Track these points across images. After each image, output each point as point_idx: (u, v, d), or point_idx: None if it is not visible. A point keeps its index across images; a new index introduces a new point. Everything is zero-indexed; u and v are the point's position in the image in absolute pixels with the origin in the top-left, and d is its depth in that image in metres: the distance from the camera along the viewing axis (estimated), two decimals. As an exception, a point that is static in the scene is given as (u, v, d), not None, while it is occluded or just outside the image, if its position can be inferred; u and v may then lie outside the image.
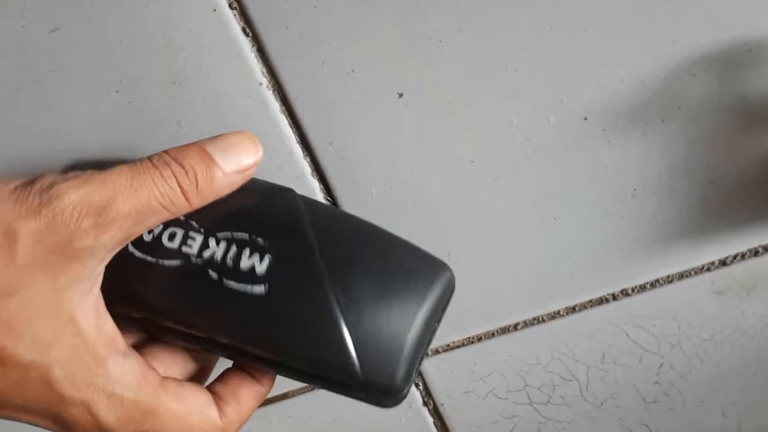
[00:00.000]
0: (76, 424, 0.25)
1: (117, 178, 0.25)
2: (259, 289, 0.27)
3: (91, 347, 0.25)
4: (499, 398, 0.41)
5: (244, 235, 0.27)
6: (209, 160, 0.27)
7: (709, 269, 0.37)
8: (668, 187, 0.34)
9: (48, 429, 0.26)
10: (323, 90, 0.33)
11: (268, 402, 0.42)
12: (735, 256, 0.36)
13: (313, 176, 0.35)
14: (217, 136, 0.28)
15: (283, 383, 0.41)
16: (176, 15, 0.32)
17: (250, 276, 0.27)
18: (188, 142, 0.31)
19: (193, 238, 0.28)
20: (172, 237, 0.28)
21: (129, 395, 0.25)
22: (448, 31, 0.32)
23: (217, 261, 0.27)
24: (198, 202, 0.27)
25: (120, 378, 0.25)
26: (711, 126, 0.33)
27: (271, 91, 0.34)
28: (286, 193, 0.30)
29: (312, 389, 0.42)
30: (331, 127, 0.34)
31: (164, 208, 0.26)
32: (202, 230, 0.28)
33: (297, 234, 0.28)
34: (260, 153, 0.28)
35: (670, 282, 0.37)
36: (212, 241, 0.28)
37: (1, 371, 0.24)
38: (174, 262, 0.28)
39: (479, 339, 0.39)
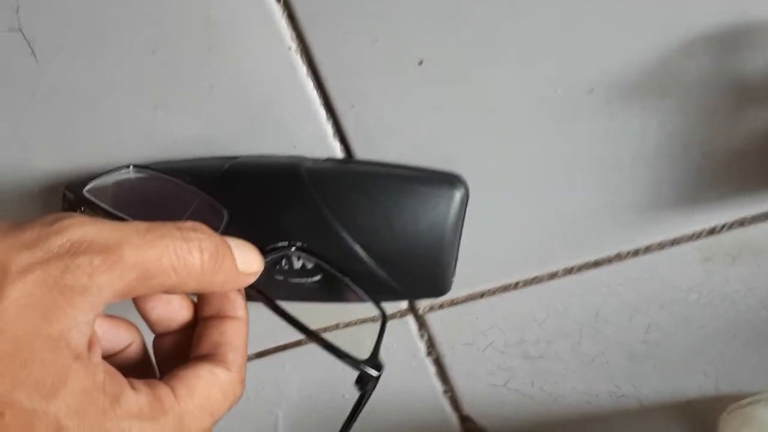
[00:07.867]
0: None
1: (130, 227, 0.23)
2: (316, 278, 0.37)
3: (101, 387, 0.22)
4: (498, 351, 0.44)
5: (284, 243, 0.36)
6: (228, 247, 0.26)
7: (698, 237, 0.39)
8: (664, 158, 0.36)
9: None
10: (348, 56, 0.36)
11: (282, 348, 0.45)
12: (723, 226, 0.38)
13: (335, 138, 0.38)
14: (230, 237, 0.27)
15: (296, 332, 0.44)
16: (214, -19, 0.34)
17: (306, 272, 0.36)
18: (219, 104, 0.33)
19: None
20: None
21: (150, 426, 0.23)
22: (468, 4, 0.34)
23: (276, 268, 0.37)
24: (207, 279, 0.25)
25: (138, 411, 0.23)
26: (706, 103, 0.35)
27: (299, 56, 0.36)
28: (295, 177, 0.36)
29: (324, 337, 0.44)
30: (353, 91, 0.36)
31: (174, 271, 0.24)
32: None
33: (321, 224, 0.35)
34: (262, 266, 0.28)
35: (662, 248, 0.39)
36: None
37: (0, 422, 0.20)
38: None
39: (482, 295, 0.42)
